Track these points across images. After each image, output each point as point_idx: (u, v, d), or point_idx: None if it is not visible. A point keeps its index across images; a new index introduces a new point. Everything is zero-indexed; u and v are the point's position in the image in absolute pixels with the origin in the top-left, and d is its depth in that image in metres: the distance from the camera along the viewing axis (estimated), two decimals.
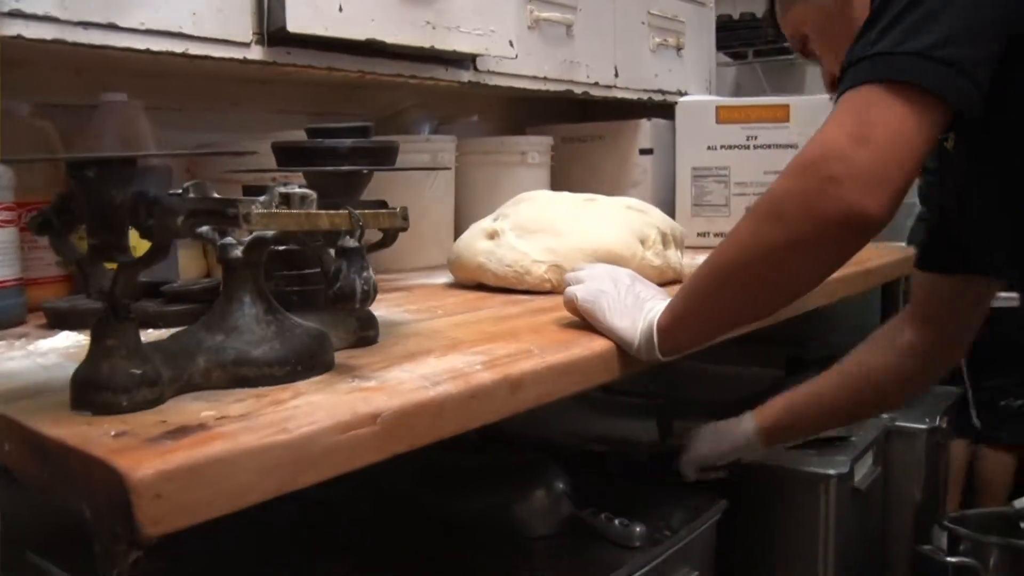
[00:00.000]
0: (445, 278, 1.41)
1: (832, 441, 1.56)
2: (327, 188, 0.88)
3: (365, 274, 0.74)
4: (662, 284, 1.25)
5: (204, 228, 0.77)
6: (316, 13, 1.18)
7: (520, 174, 1.73)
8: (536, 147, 1.76)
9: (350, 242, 0.74)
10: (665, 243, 1.27)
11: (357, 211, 0.74)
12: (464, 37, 1.37)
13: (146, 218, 0.64)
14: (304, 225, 0.69)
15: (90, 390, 0.66)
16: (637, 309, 0.94)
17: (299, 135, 1.34)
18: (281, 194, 0.72)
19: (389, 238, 0.84)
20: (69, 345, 0.94)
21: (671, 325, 0.91)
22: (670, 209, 1.85)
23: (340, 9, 1.20)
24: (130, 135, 1.25)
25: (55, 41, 1.03)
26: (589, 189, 1.91)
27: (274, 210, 0.66)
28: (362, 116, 1.69)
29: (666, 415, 1.57)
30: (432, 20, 1.32)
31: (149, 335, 0.88)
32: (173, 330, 1.00)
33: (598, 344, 0.93)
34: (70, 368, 0.82)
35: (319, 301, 1.04)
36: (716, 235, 1.84)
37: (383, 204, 0.90)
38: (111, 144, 1.22)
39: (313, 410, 0.67)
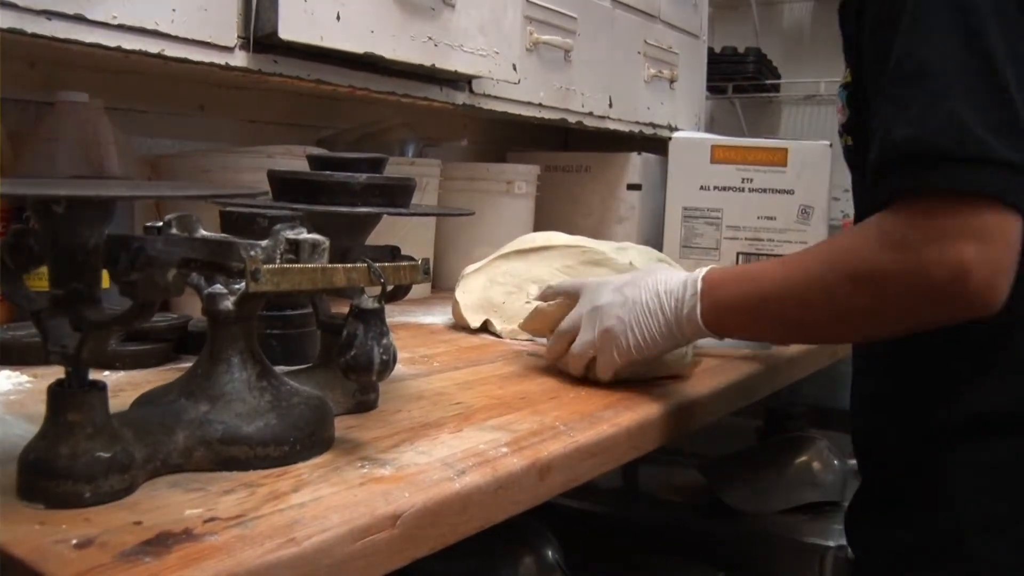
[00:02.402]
0: (428, 315, 1.29)
1: (823, 507, 1.49)
2: (330, 228, 0.75)
3: (385, 341, 0.62)
4: None
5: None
6: (311, 20, 1.05)
7: (504, 204, 1.63)
8: (523, 176, 1.65)
9: (368, 302, 0.62)
10: None
11: (377, 264, 0.62)
12: (466, 57, 1.25)
13: (128, 270, 0.51)
14: (318, 283, 0.57)
15: (44, 477, 0.53)
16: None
17: (275, 151, 1.23)
18: (289, 240, 0.59)
19: (402, 291, 0.72)
20: (10, 390, 0.80)
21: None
22: (656, 248, 1.76)
23: (338, 18, 1.08)
24: (90, 140, 1.11)
25: (12, 31, 0.89)
26: (573, 223, 1.82)
27: (285, 265, 0.54)
28: (338, 130, 1.56)
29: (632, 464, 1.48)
30: (435, 36, 1.20)
31: (104, 377, 0.75)
32: (132, 373, 0.88)
33: (625, 418, 0.82)
34: (13, 427, 0.69)
35: (306, 350, 0.93)
36: None
37: (395, 250, 0.78)
38: (68, 150, 1.08)
39: (324, 511, 0.54)
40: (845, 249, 0.77)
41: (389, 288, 0.62)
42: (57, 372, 0.85)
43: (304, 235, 0.60)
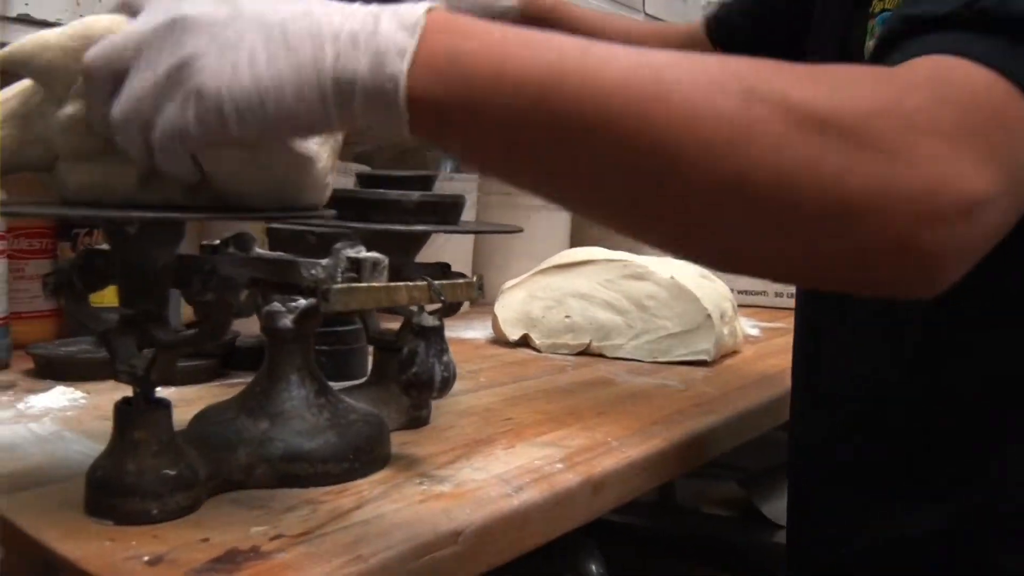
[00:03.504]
0: (469, 329, 1.30)
1: None
2: (382, 246, 0.76)
3: (445, 358, 0.62)
4: (724, 357, 1.16)
5: None
6: None
7: (541, 218, 1.62)
8: None
9: (428, 320, 0.62)
10: (732, 315, 1.18)
11: (436, 282, 0.62)
12: None
13: (202, 291, 0.52)
14: (383, 302, 0.57)
15: (113, 494, 0.53)
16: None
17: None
18: (350, 259, 0.60)
19: (454, 308, 0.73)
20: (66, 406, 0.81)
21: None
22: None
23: None
24: None
25: None
26: (610, 237, 1.81)
27: (353, 285, 0.54)
28: (374, 146, 1.57)
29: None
30: None
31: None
32: (182, 389, 0.89)
33: (675, 433, 0.82)
34: (72, 444, 0.70)
35: (354, 367, 0.93)
36: (746, 292, 1.73)
37: (446, 267, 0.78)
38: None
39: (387, 528, 0.55)
40: (788, 68, 0.44)
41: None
42: (109, 388, 0.87)
43: (364, 253, 0.60)
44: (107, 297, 0.63)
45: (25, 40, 0.49)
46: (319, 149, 0.56)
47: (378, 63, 0.42)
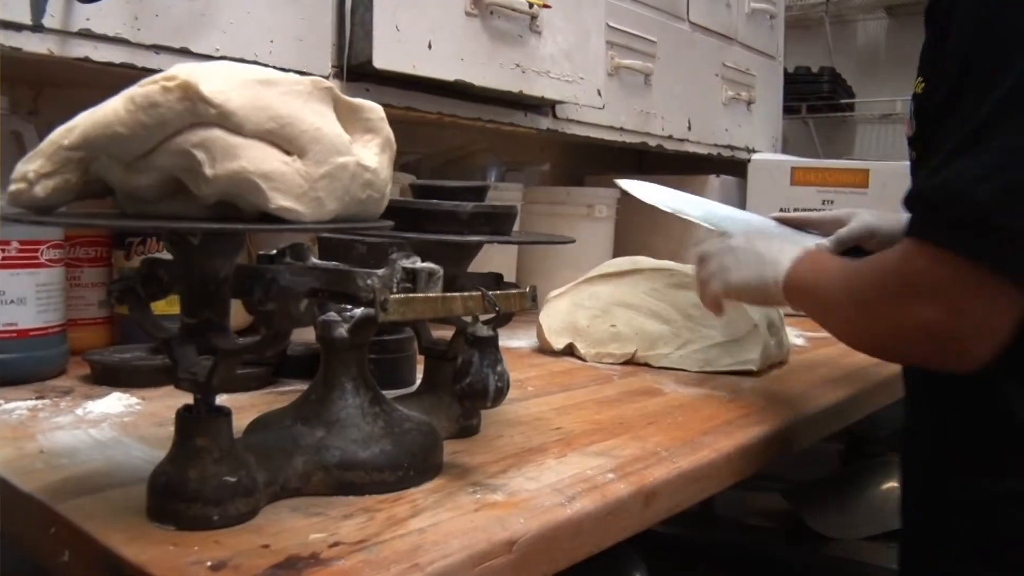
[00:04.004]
0: (513, 339, 1.30)
1: None
2: (435, 257, 0.76)
3: (499, 368, 0.63)
4: (771, 367, 1.15)
5: None
6: (404, 50, 1.08)
7: (585, 227, 1.63)
8: (604, 200, 1.65)
9: (483, 330, 0.63)
10: (780, 325, 1.17)
11: (491, 292, 0.63)
12: (553, 83, 1.27)
13: (264, 300, 0.52)
14: (439, 312, 0.57)
15: (175, 500, 0.54)
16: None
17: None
18: (406, 270, 0.60)
19: (506, 318, 0.73)
20: (123, 412, 0.83)
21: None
22: None
23: (429, 46, 1.10)
24: None
25: (123, 65, 0.92)
26: (652, 246, 1.81)
27: (410, 295, 0.55)
28: (419, 155, 1.58)
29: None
30: (522, 63, 1.22)
31: None
32: (235, 397, 0.90)
33: (725, 444, 0.82)
34: (130, 449, 0.71)
35: (403, 375, 0.94)
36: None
37: (499, 277, 0.78)
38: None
39: (443, 536, 0.55)
40: (869, 267, 0.80)
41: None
42: (163, 394, 0.88)
43: (420, 264, 0.61)
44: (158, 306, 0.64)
45: (88, 123, 0.51)
46: (379, 159, 0.57)
47: (776, 273, 0.91)
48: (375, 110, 0.60)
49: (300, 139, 0.53)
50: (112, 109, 0.50)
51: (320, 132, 0.54)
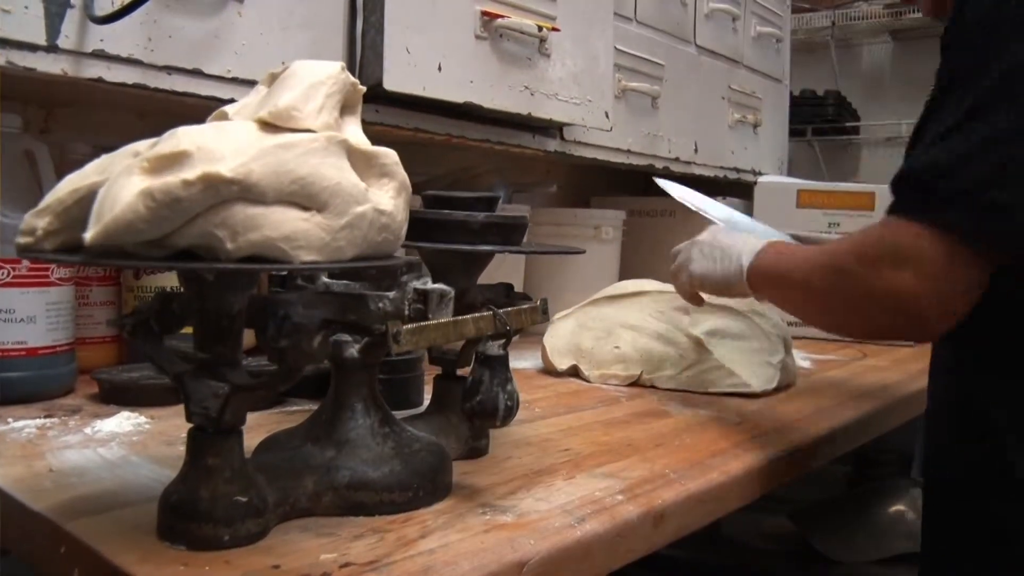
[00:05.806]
0: (519, 359, 1.30)
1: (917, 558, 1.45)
2: (446, 267, 0.77)
3: (509, 387, 0.63)
4: (777, 390, 1.15)
5: None
6: (414, 72, 1.08)
7: (591, 249, 1.63)
8: (610, 221, 1.66)
9: (493, 349, 0.63)
10: (787, 348, 1.17)
11: (500, 310, 0.63)
12: (561, 105, 1.27)
13: (277, 337, 0.52)
14: (451, 338, 0.58)
15: (186, 519, 0.54)
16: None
17: None
18: (417, 291, 0.61)
19: (515, 331, 0.73)
20: (131, 430, 0.83)
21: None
22: None
23: (439, 69, 1.11)
24: None
25: (136, 86, 0.93)
26: (659, 269, 1.81)
27: (421, 324, 0.55)
28: (426, 176, 1.59)
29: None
30: (531, 85, 1.22)
31: None
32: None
33: (733, 466, 0.82)
34: (139, 468, 0.71)
35: (410, 395, 0.94)
36: (797, 323, 1.72)
37: (510, 288, 0.79)
38: None
39: (454, 557, 0.55)
40: (848, 241, 0.82)
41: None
42: (171, 414, 0.88)
43: (431, 285, 0.61)
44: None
45: (108, 220, 0.49)
46: (395, 202, 0.57)
47: (738, 265, 0.96)
48: (389, 155, 0.60)
49: (320, 196, 0.53)
50: (131, 207, 0.48)
51: (339, 186, 0.54)
